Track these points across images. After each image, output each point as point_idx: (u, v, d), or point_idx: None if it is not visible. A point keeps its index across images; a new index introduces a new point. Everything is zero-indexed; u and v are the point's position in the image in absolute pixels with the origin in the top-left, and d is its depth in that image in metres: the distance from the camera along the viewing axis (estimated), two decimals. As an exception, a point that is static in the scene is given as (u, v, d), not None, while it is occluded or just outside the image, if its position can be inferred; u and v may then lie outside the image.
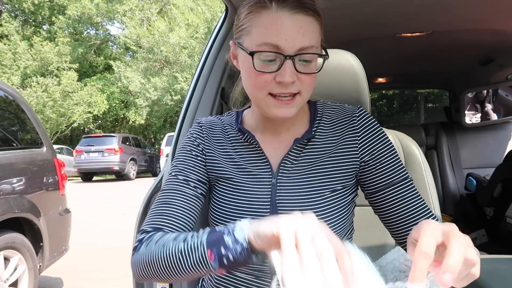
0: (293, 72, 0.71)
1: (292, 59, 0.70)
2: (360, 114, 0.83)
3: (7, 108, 2.97)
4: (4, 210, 2.45)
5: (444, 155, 3.03)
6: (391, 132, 1.12)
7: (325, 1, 1.47)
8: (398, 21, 1.78)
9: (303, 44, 0.70)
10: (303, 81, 0.73)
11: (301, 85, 0.74)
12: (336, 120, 0.84)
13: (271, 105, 0.75)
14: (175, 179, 0.81)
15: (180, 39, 16.66)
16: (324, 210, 0.77)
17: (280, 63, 0.71)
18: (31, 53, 17.93)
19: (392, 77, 3.11)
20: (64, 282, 3.56)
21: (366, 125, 0.82)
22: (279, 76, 0.71)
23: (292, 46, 0.70)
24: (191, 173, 0.82)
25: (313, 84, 0.76)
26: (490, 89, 2.95)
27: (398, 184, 0.78)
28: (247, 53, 0.73)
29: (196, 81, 1.37)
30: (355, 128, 0.82)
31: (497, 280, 1.40)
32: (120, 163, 13.45)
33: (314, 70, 0.74)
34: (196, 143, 0.86)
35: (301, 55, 0.71)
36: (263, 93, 0.74)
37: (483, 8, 1.60)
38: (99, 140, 14.02)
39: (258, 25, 0.72)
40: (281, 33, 0.70)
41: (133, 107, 18.58)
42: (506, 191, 2.37)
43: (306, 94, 0.76)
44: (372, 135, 0.81)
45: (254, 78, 0.74)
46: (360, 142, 0.81)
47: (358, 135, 0.81)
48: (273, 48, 0.70)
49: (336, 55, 1.07)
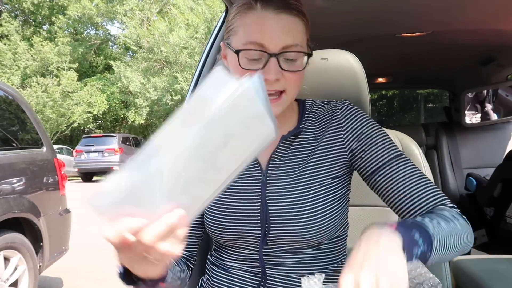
0: (277, 70, 0.73)
1: (277, 57, 0.73)
2: (342, 106, 0.84)
3: (7, 108, 2.97)
4: (4, 210, 2.45)
5: (444, 155, 3.03)
6: (391, 132, 1.11)
7: (325, 1, 1.47)
8: (398, 21, 1.78)
9: (287, 43, 0.73)
10: (288, 79, 0.75)
11: (286, 83, 0.75)
12: (322, 115, 0.85)
13: None
14: None
15: (180, 39, 16.66)
16: (314, 205, 0.77)
17: (265, 61, 0.73)
18: (31, 53, 17.94)
19: (392, 77, 3.12)
20: (64, 282, 3.56)
21: (348, 115, 0.83)
22: (264, 74, 0.73)
23: (276, 44, 0.72)
24: None
25: (299, 82, 0.78)
26: (490, 89, 2.95)
27: (391, 161, 0.78)
28: (233, 52, 0.75)
29: (196, 81, 1.37)
30: (338, 120, 0.83)
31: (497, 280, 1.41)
32: (120, 163, 13.42)
33: (299, 68, 0.76)
34: None
35: (285, 53, 0.73)
36: None
37: (483, 8, 1.60)
38: (99, 140, 14.05)
39: (244, 25, 0.75)
40: (265, 32, 0.72)
41: (133, 107, 18.59)
42: (506, 191, 2.37)
43: (292, 92, 0.78)
44: (355, 122, 0.82)
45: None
46: (345, 133, 0.82)
47: (341, 126, 0.82)
48: (258, 47, 0.73)
49: (336, 55, 1.07)
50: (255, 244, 0.80)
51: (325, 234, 0.78)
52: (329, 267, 0.82)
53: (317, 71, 1.04)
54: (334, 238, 0.82)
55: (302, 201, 0.77)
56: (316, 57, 1.06)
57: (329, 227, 0.78)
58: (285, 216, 0.77)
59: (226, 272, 0.84)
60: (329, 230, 0.78)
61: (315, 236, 0.77)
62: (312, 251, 0.80)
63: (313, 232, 0.76)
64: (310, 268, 0.80)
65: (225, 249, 0.85)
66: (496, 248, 2.47)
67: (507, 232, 2.38)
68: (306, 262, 0.80)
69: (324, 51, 1.07)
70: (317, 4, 1.48)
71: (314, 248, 0.80)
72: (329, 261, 0.82)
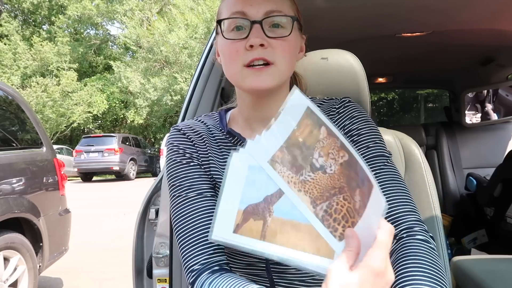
0: (261, 36, 0.71)
1: (260, 23, 0.72)
2: (340, 102, 0.83)
3: (7, 108, 2.97)
4: (4, 210, 2.45)
5: (444, 155, 3.03)
6: (391, 132, 1.12)
7: (325, 1, 1.47)
8: (398, 21, 1.78)
9: (269, 8, 0.72)
10: (274, 47, 0.72)
11: (274, 53, 0.72)
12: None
13: (247, 75, 0.73)
14: (187, 199, 0.75)
15: (179, 39, 16.66)
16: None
17: (248, 29, 0.72)
18: (31, 53, 17.94)
19: (392, 77, 3.11)
20: (64, 282, 3.56)
21: (343, 110, 0.82)
22: (249, 40, 0.72)
23: (257, 10, 0.72)
24: (200, 184, 0.76)
25: (288, 52, 0.74)
26: (490, 89, 2.95)
27: (376, 159, 0.76)
28: (221, 35, 0.75)
29: (196, 81, 1.36)
30: (333, 117, 0.82)
31: (497, 280, 1.41)
32: (120, 163, 13.44)
33: (285, 34, 0.73)
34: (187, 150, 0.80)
35: (268, 19, 0.72)
36: (239, 66, 0.74)
37: (483, 8, 1.60)
38: (99, 140, 14.01)
39: (227, 0, 0.75)
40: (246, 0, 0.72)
41: (133, 107, 18.59)
42: (506, 191, 2.37)
43: (282, 65, 0.74)
44: (348, 117, 0.81)
45: (228, 52, 0.75)
46: (339, 126, 0.81)
47: (335, 120, 0.81)
48: (240, 15, 0.73)
49: (336, 55, 1.07)
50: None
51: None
52: None
53: (317, 71, 1.04)
54: None
55: None
56: (316, 57, 1.06)
57: None
58: None
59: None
60: None
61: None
62: None
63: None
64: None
65: (232, 255, 0.83)
66: (496, 248, 2.47)
67: (507, 232, 2.38)
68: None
69: (324, 51, 1.06)
70: (317, 4, 1.48)
71: None
72: None
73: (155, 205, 1.30)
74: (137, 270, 1.28)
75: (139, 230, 1.29)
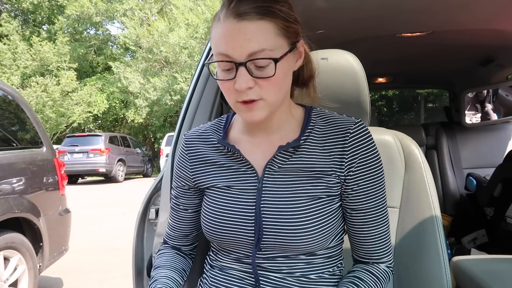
0: (247, 78, 0.71)
1: (245, 65, 0.71)
2: (355, 130, 0.80)
3: (7, 108, 2.97)
4: (4, 210, 2.45)
5: (444, 155, 3.04)
6: (391, 132, 1.11)
7: (326, 1, 1.48)
8: (398, 21, 1.78)
9: (251, 49, 0.70)
10: (263, 86, 0.73)
11: (261, 91, 0.73)
12: (329, 132, 0.82)
13: (240, 110, 0.77)
14: (176, 206, 0.95)
15: (179, 39, 16.65)
16: (308, 218, 0.77)
17: (235, 71, 0.73)
18: (31, 53, 17.93)
19: (392, 77, 3.12)
20: (64, 282, 3.56)
21: (358, 146, 0.79)
22: (236, 84, 0.72)
23: (240, 53, 0.71)
24: (185, 201, 0.93)
25: (276, 88, 0.75)
26: (490, 89, 2.96)
27: (371, 212, 0.82)
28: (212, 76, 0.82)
29: (196, 81, 1.36)
30: (345, 147, 0.79)
31: (497, 280, 1.41)
32: (106, 164, 12.27)
33: (269, 74, 0.73)
34: (183, 167, 0.91)
35: (253, 61, 0.71)
36: (232, 101, 0.76)
37: (483, 8, 1.60)
38: (83, 139, 12.77)
39: (212, 38, 0.75)
40: (228, 42, 0.71)
41: (133, 107, 18.59)
42: (506, 191, 2.37)
43: (271, 98, 0.75)
44: (360, 158, 0.79)
45: (222, 88, 0.78)
46: (347, 162, 0.79)
47: (346, 155, 0.79)
48: (225, 57, 0.72)
49: (336, 55, 1.07)
50: (248, 249, 0.81)
51: (319, 245, 0.78)
52: (325, 272, 0.82)
53: (317, 71, 1.04)
54: (329, 247, 0.82)
55: (296, 213, 0.77)
56: (316, 57, 1.06)
57: (323, 238, 0.78)
58: (278, 225, 0.77)
59: (223, 272, 0.85)
60: (323, 242, 0.78)
61: (307, 247, 0.77)
62: (306, 257, 0.80)
63: (305, 243, 0.77)
64: (305, 272, 0.80)
65: (221, 250, 0.86)
66: (496, 248, 2.47)
67: (507, 232, 2.38)
68: (300, 268, 0.80)
69: (324, 51, 1.06)
70: (317, 4, 1.48)
71: (309, 254, 0.80)
72: (325, 266, 0.82)
73: (155, 205, 1.30)
74: (137, 270, 1.29)
75: (139, 230, 1.29)
